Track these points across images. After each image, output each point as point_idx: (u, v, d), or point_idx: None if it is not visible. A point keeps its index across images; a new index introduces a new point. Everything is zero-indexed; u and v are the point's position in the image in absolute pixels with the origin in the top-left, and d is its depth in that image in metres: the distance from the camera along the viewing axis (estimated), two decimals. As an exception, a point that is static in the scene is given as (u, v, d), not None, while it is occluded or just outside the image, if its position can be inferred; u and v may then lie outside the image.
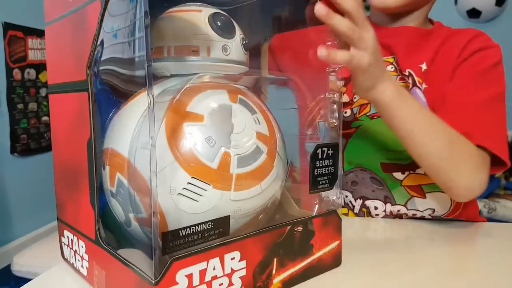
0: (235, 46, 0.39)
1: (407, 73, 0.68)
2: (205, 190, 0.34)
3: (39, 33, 2.37)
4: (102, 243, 0.37)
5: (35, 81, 2.34)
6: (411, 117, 0.52)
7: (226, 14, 0.39)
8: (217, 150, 0.34)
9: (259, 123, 0.38)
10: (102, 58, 0.36)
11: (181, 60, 0.37)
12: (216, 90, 0.38)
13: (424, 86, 0.67)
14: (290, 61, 0.54)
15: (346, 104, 0.71)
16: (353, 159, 0.70)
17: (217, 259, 0.34)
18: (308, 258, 0.41)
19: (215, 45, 0.37)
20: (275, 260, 0.38)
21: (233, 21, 0.40)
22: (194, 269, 0.32)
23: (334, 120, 0.44)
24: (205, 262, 0.33)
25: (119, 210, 0.37)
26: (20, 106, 2.25)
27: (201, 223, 0.33)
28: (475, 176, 0.57)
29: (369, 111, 0.68)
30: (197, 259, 0.33)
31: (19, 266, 1.73)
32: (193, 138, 0.34)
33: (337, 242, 0.44)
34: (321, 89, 0.45)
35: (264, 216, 0.40)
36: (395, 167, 0.67)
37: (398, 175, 0.68)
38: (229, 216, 0.35)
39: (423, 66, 0.68)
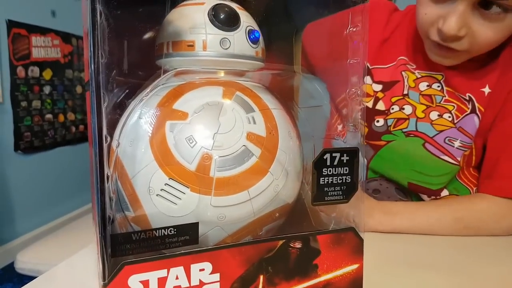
0: (238, 39, 0.36)
1: (467, 97, 0.64)
2: (183, 193, 0.32)
3: (43, 31, 2.36)
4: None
5: (38, 78, 2.34)
6: (413, 221, 0.58)
7: (232, 5, 0.36)
8: (196, 150, 0.32)
9: (254, 123, 0.35)
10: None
11: (178, 56, 0.36)
12: (211, 86, 0.36)
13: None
14: (316, 53, 0.51)
15: (380, 113, 0.67)
16: (378, 172, 0.68)
17: (180, 268, 0.32)
18: (309, 280, 0.37)
19: (212, 39, 0.35)
20: (261, 277, 0.35)
21: (241, 13, 0.37)
22: (151, 276, 0.31)
23: (352, 124, 0.40)
24: (165, 270, 0.31)
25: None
26: (23, 103, 2.25)
27: (161, 228, 0.31)
28: (504, 224, 0.58)
29: (406, 127, 0.65)
30: (154, 265, 0.31)
31: (23, 264, 1.74)
32: (174, 137, 0.33)
33: (355, 266, 0.39)
34: (343, 84, 0.41)
35: (275, 225, 0.38)
36: (423, 189, 0.66)
37: (424, 197, 0.66)
38: (197, 223, 0.33)
39: (486, 90, 0.64)
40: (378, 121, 0.67)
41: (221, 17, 0.35)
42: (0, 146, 2.11)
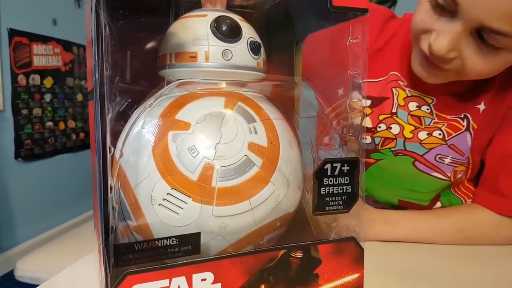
0: (239, 50, 0.36)
1: (462, 116, 0.62)
2: (185, 203, 0.33)
3: (44, 39, 2.37)
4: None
5: (39, 86, 2.35)
6: (414, 232, 0.58)
7: (234, 17, 0.37)
8: (198, 160, 0.33)
9: (255, 133, 0.35)
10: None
11: (180, 67, 0.36)
12: (213, 97, 0.37)
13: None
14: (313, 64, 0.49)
15: (367, 130, 0.64)
16: (367, 190, 0.67)
17: (182, 278, 0.32)
18: (310, 290, 0.37)
19: (215, 50, 0.35)
20: (262, 287, 0.35)
21: (243, 24, 0.37)
22: (154, 286, 0.31)
23: (352, 135, 0.40)
24: (167, 280, 0.31)
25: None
26: (24, 111, 2.25)
27: (163, 238, 0.31)
28: (503, 234, 0.59)
29: (394, 146, 0.63)
30: (156, 275, 0.31)
31: (22, 272, 1.72)
32: (176, 147, 0.33)
33: (355, 276, 0.39)
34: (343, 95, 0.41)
35: (276, 234, 0.38)
36: (413, 205, 0.66)
37: None
38: (199, 233, 0.33)
39: (481, 107, 0.61)
40: (365, 138, 0.64)
41: (223, 29, 0.36)
42: (0, 153, 2.11)
